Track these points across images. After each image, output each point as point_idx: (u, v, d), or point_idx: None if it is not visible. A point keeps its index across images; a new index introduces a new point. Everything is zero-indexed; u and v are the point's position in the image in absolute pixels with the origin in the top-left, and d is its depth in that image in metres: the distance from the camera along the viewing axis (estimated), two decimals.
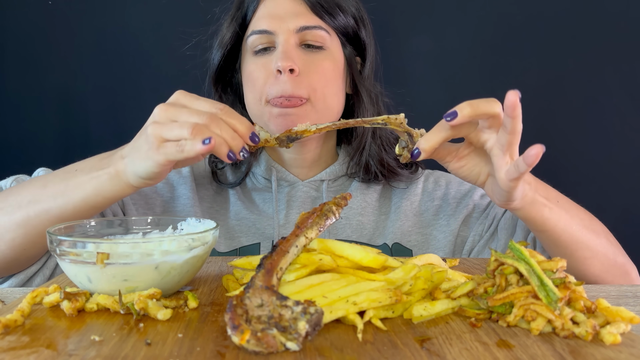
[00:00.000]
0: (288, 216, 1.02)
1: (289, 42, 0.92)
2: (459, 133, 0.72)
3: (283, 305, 0.47)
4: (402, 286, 0.55)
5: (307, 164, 1.05)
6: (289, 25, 0.92)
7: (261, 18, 0.95)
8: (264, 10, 0.95)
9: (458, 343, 0.47)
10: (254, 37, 0.95)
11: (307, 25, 0.93)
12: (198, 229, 0.66)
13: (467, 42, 1.40)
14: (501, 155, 0.70)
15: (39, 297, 0.57)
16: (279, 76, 0.91)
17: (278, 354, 0.43)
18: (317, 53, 0.95)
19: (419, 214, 1.04)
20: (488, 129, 0.71)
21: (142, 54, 1.41)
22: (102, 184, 0.73)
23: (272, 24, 0.93)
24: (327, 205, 0.62)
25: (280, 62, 0.89)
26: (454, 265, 0.78)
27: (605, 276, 0.83)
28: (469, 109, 0.68)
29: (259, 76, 0.94)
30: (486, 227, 1.01)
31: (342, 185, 1.06)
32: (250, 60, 0.96)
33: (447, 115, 0.69)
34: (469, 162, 0.77)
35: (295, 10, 0.93)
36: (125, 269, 0.55)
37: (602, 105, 1.39)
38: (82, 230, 0.67)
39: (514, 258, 0.53)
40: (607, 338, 0.47)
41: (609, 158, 1.39)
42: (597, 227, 0.85)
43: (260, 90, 0.94)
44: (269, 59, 0.93)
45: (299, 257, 0.57)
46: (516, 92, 0.64)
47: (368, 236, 1.01)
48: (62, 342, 0.47)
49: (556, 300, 0.49)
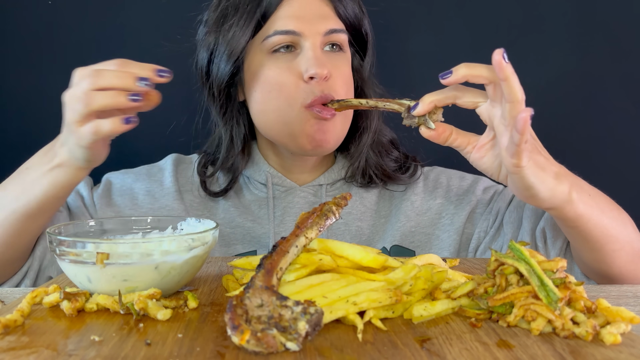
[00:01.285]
0: (285, 223, 0.99)
1: (317, 46, 0.89)
2: (462, 97, 0.70)
3: (283, 305, 0.47)
4: (402, 286, 0.55)
5: (308, 169, 1.02)
6: (318, 28, 0.89)
7: (286, 18, 0.89)
8: (288, 9, 0.89)
9: (458, 343, 0.47)
10: (278, 37, 0.89)
11: (335, 28, 0.91)
12: (198, 229, 0.66)
13: (466, 41, 1.40)
14: (503, 130, 0.67)
15: (38, 297, 0.57)
16: (311, 81, 0.88)
17: (278, 354, 0.43)
18: (338, 56, 0.93)
19: (421, 213, 1.01)
20: (492, 100, 0.68)
21: (142, 54, 1.41)
22: (55, 176, 0.75)
23: (300, 25, 0.88)
24: (327, 205, 0.62)
25: (317, 70, 0.86)
26: (454, 266, 0.78)
27: (629, 266, 0.80)
28: (465, 69, 0.67)
29: (287, 81, 0.89)
30: (491, 223, 0.98)
31: (340, 190, 1.04)
32: (269, 62, 0.90)
33: (443, 74, 0.67)
34: (489, 152, 0.73)
35: (322, 12, 0.91)
36: (125, 269, 0.55)
37: (602, 105, 1.39)
38: (82, 230, 0.67)
39: (514, 258, 0.53)
40: (607, 338, 0.47)
41: (610, 158, 1.39)
42: (624, 217, 0.81)
43: (291, 95, 0.89)
44: (294, 62, 0.89)
45: (299, 257, 0.57)
46: (500, 50, 0.62)
47: (367, 242, 0.99)
48: (62, 342, 0.47)
49: (556, 301, 0.49)
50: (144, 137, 1.43)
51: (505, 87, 0.63)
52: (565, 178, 0.71)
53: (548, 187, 0.68)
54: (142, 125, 0.77)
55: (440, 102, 0.70)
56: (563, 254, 0.88)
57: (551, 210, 0.74)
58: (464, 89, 0.70)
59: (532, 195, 0.70)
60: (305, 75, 0.87)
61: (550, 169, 0.70)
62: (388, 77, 1.09)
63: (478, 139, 0.74)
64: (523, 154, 0.64)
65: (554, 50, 1.38)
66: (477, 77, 0.67)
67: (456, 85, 0.70)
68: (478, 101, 0.70)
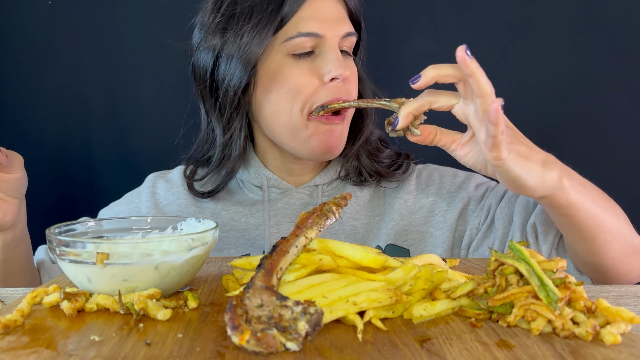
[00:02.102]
0: (280, 225, 0.99)
1: (337, 48, 0.90)
2: (436, 101, 0.71)
3: (283, 305, 0.47)
4: (402, 286, 0.55)
5: (308, 171, 1.02)
6: (338, 31, 0.90)
7: (308, 20, 0.88)
8: (310, 11, 0.88)
9: (458, 343, 0.47)
10: (301, 39, 0.88)
11: (350, 31, 0.92)
12: (198, 229, 0.66)
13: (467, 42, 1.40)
14: (479, 125, 0.67)
15: (38, 297, 0.57)
16: (329, 83, 0.88)
17: (278, 354, 0.43)
18: (350, 59, 0.95)
19: (414, 211, 1.01)
20: (465, 98, 0.70)
21: (142, 53, 1.41)
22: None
23: (322, 28, 0.88)
24: (327, 205, 0.62)
25: (341, 70, 0.87)
26: (454, 266, 0.78)
27: (622, 259, 0.80)
28: (433, 70, 0.68)
29: (306, 84, 0.88)
30: (483, 219, 0.98)
31: (336, 189, 1.04)
32: (290, 64, 0.89)
33: (412, 79, 0.69)
34: (473, 148, 0.74)
35: (339, 15, 0.91)
36: (125, 269, 0.55)
37: (602, 105, 1.39)
38: (82, 230, 0.67)
39: (514, 258, 0.53)
40: (607, 338, 0.47)
41: (610, 158, 1.39)
42: (616, 209, 0.81)
43: (306, 99, 0.89)
44: (315, 65, 0.89)
45: (299, 257, 0.57)
46: (463, 46, 0.64)
47: (361, 241, 0.99)
48: (62, 342, 0.47)
49: (556, 301, 0.49)
50: (149, 140, 1.42)
51: (472, 82, 0.64)
52: (553, 165, 0.71)
53: (536, 175, 0.68)
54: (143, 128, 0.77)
55: (417, 111, 0.72)
56: (555, 249, 0.88)
57: (543, 199, 0.74)
58: (436, 92, 0.72)
59: (521, 186, 0.70)
60: (326, 76, 0.88)
61: (536, 157, 0.69)
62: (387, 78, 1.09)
63: (462, 136, 0.75)
64: (502, 146, 0.64)
65: (554, 50, 1.38)
66: (445, 76, 0.68)
67: (429, 90, 0.72)
68: (452, 102, 0.71)
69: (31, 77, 1.42)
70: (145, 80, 1.42)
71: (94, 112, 1.43)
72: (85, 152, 1.42)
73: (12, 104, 1.42)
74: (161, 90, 1.40)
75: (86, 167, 1.42)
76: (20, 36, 1.41)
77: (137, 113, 1.42)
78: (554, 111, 1.38)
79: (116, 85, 1.43)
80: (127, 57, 1.42)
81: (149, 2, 1.40)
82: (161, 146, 1.20)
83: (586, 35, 1.38)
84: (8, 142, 1.42)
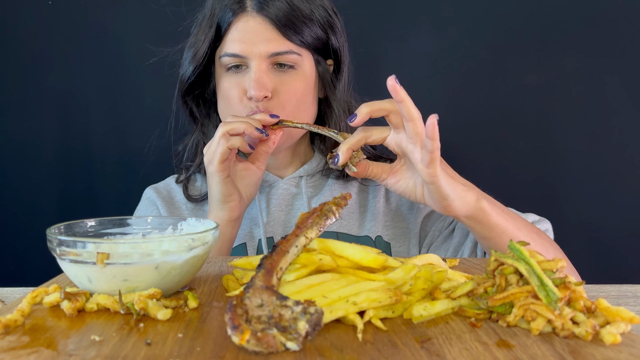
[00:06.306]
0: (270, 214, 1.06)
1: (260, 68, 0.94)
2: (371, 136, 0.80)
3: (283, 305, 0.47)
4: (402, 286, 0.55)
5: (284, 165, 1.09)
6: (260, 51, 0.94)
7: (233, 41, 0.96)
8: (235, 33, 0.96)
9: (458, 343, 0.47)
10: (227, 58, 0.97)
11: (279, 51, 0.95)
12: (198, 229, 0.66)
13: (466, 41, 1.40)
14: (412, 148, 0.75)
15: (39, 297, 0.57)
16: (252, 99, 0.95)
17: (278, 354, 0.43)
18: (289, 73, 0.97)
19: (396, 208, 1.08)
20: (395, 128, 0.77)
21: (142, 54, 1.41)
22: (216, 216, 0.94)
23: (244, 49, 0.94)
24: (327, 205, 0.62)
25: (254, 92, 0.93)
26: (454, 265, 0.78)
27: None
28: (366, 107, 0.77)
29: (233, 95, 0.97)
30: (446, 224, 1.04)
31: (319, 181, 1.10)
32: (224, 76, 0.99)
33: (349, 118, 0.78)
34: (403, 175, 0.83)
35: (266, 36, 0.94)
36: (125, 269, 0.55)
37: (602, 105, 1.39)
38: (82, 230, 0.67)
39: (514, 258, 0.53)
40: (607, 338, 0.47)
41: (610, 158, 1.39)
42: (545, 241, 0.86)
43: (234, 108, 0.98)
44: (242, 79, 0.96)
45: (299, 257, 0.57)
46: (393, 76, 0.69)
47: (354, 239, 1.04)
48: (62, 342, 0.47)
49: (556, 300, 0.49)
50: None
51: (403, 108, 0.72)
52: (472, 188, 0.80)
53: (459, 194, 0.76)
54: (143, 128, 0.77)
55: (355, 146, 0.81)
56: None
57: (467, 220, 0.81)
58: (370, 128, 0.81)
59: (448, 205, 0.78)
60: (248, 94, 0.95)
61: (458, 179, 0.80)
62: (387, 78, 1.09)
63: (390, 166, 0.84)
64: (436, 162, 0.72)
65: (554, 50, 1.38)
66: (378, 110, 0.76)
67: (363, 127, 0.81)
68: (384, 135, 0.80)
69: (31, 77, 1.42)
70: (145, 80, 1.42)
71: (94, 112, 1.43)
72: (85, 152, 1.42)
73: (12, 104, 1.42)
74: (161, 90, 1.40)
75: (86, 167, 1.42)
76: (20, 36, 1.41)
77: (137, 113, 1.42)
78: (554, 111, 1.38)
79: (116, 85, 1.43)
80: (127, 57, 1.42)
81: (149, 2, 1.40)
82: (161, 146, 1.21)
83: (586, 35, 1.38)
84: (8, 142, 1.43)
